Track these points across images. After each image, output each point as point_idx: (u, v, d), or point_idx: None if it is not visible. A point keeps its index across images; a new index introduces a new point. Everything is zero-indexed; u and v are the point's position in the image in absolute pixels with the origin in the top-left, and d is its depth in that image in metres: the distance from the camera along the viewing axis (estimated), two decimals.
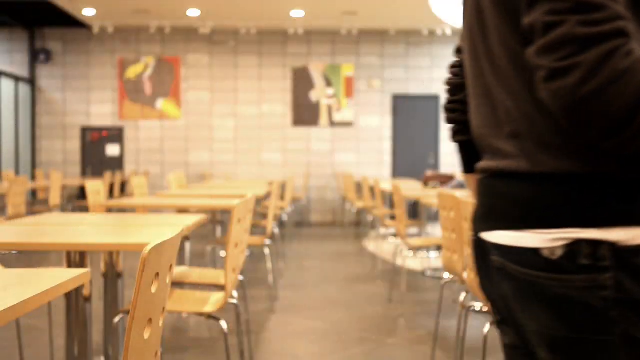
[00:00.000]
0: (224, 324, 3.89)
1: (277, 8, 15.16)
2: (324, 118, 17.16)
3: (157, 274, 1.94)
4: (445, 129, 17.21)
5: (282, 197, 12.82)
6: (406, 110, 17.28)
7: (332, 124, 17.17)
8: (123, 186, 16.21)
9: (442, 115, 17.10)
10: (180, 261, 6.73)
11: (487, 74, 1.71)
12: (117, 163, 17.11)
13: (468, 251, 4.32)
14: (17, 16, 16.00)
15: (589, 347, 1.53)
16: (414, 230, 12.73)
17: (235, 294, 4.33)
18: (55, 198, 11.86)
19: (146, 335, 1.94)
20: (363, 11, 15.39)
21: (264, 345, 5.88)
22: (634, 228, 1.48)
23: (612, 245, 1.48)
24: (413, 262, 10.39)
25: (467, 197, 4.15)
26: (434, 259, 10.49)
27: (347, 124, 17.20)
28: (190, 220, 4.40)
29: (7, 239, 3.25)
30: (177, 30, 16.94)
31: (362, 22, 16.44)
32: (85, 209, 9.89)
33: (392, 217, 12.16)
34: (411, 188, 9.94)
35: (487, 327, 3.97)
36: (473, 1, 1.75)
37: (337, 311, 7.25)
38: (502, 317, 1.83)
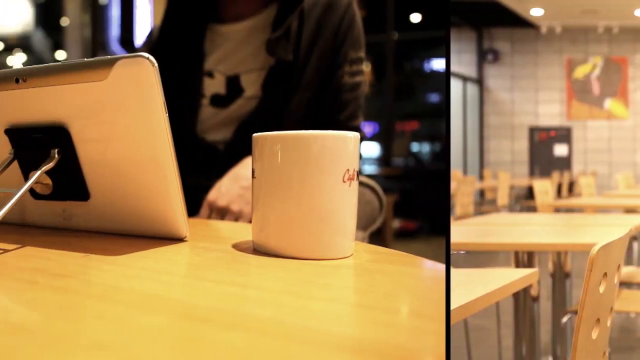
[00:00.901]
0: None
1: None
2: None
3: (605, 274, 1.92)
4: None
5: None
6: None
7: None
8: (571, 186, 16.08)
9: None
10: (628, 261, 6.58)
11: None
12: (564, 163, 16.99)
13: None
14: (466, 16, 16.34)
15: None
16: None
17: None
18: (503, 198, 11.98)
19: (594, 335, 1.92)
20: None
21: None
22: None
23: None
24: None
25: None
26: None
27: None
28: (639, 220, 4.29)
29: (455, 239, 3.34)
30: (625, 30, 16.46)
31: None
32: (532, 209, 9.95)
33: None
34: None
35: None
36: None
37: None
38: None
